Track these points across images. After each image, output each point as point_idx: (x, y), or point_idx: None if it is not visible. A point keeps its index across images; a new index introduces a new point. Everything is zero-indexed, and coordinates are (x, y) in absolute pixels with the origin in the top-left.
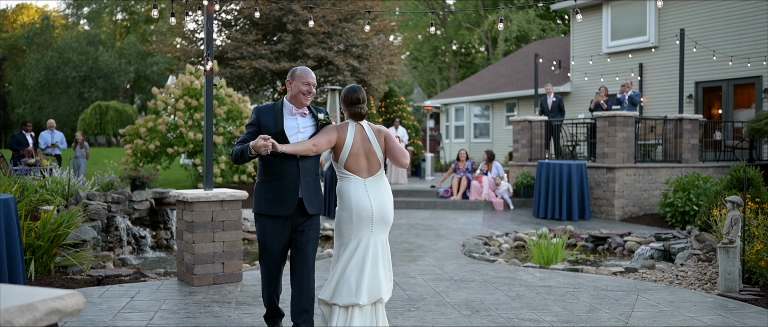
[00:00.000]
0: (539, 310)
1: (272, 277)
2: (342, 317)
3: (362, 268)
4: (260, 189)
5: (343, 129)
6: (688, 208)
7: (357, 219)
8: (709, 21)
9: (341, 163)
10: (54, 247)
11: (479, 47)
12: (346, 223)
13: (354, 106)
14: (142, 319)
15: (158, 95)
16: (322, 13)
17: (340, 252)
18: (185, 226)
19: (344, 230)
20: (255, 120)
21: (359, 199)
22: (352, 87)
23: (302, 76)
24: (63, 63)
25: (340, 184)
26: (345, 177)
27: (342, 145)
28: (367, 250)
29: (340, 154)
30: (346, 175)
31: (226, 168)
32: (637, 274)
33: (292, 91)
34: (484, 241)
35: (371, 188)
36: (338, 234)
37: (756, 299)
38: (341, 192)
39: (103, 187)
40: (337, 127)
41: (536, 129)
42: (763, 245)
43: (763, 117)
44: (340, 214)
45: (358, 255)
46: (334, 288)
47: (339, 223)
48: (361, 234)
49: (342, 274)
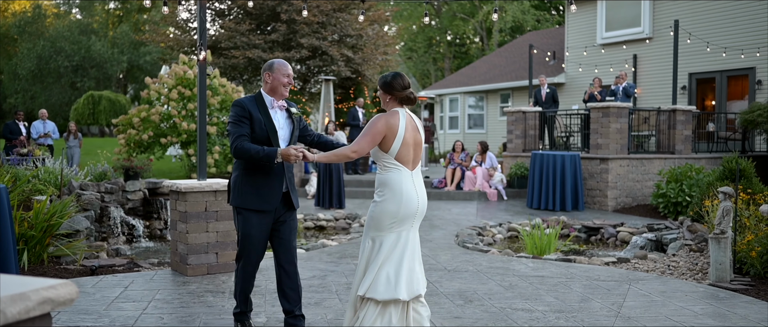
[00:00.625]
0: (532, 300)
1: (254, 271)
2: (378, 313)
3: (401, 262)
4: (243, 183)
5: (394, 117)
6: (680, 199)
7: (404, 213)
8: (703, 12)
9: (393, 153)
10: (47, 237)
11: (474, 38)
12: (389, 217)
13: (404, 91)
14: (136, 309)
15: (151, 85)
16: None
17: (375, 245)
18: (179, 216)
19: (385, 223)
20: (246, 113)
21: (409, 192)
22: (395, 73)
23: (282, 69)
24: (55, 52)
25: (387, 175)
26: (394, 168)
27: (394, 135)
28: (406, 244)
29: (393, 144)
30: (396, 166)
31: (220, 158)
32: (629, 265)
33: (272, 84)
34: (477, 231)
35: (416, 181)
36: (375, 226)
37: (746, 289)
38: (389, 184)
39: (96, 177)
40: (386, 116)
41: (530, 120)
42: (754, 236)
43: (756, 108)
44: (382, 206)
45: (398, 249)
46: (371, 282)
47: (379, 215)
48: (402, 228)
49: (381, 269)
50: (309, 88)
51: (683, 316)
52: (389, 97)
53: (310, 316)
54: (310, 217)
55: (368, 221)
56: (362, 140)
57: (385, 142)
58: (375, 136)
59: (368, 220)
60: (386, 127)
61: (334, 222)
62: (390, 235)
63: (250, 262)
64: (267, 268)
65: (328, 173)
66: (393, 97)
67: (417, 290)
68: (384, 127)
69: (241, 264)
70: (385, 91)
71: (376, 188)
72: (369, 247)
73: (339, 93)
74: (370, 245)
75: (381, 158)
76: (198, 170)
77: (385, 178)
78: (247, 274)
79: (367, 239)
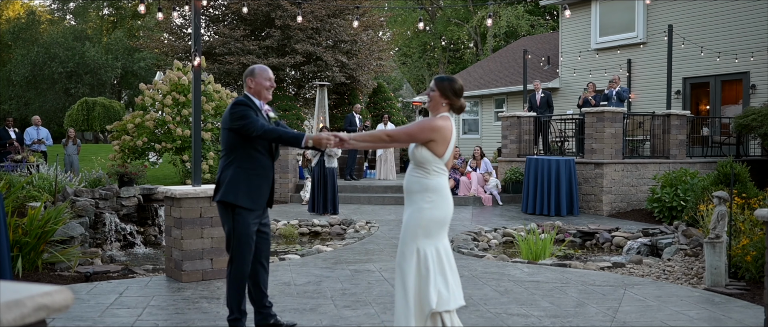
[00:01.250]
0: (527, 305)
1: (248, 272)
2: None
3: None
4: (238, 181)
5: (449, 122)
6: (675, 203)
7: (448, 219)
8: (697, 17)
9: (444, 159)
10: (41, 244)
11: (468, 43)
12: (439, 223)
13: (459, 98)
14: (131, 315)
15: (146, 91)
16: (310, 9)
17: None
18: (173, 222)
19: (434, 230)
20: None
21: (450, 198)
22: (454, 77)
23: (262, 73)
24: (49, 58)
25: (437, 181)
26: (442, 173)
27: (447, 141)
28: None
29: (447, 150)
30: (443, 171)
31: (215, 164)
32: (624, 269)
33: (255, 88)
34: (472, 236)
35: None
36: (425, 234)
37: (742, 293)
38: (439, 190)
39: (90, 184)
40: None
41: (525, 125)
42: (749, 240)
43: (750, 113)
44: (433, 213)
45: (451, 255)
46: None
47: (429, 223)
48: (444, 234)
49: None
50: (303, 93)
51: (678, 321)
52: (446, 101)
53: (304, 322)
54: (305, 222)
55: (415, 230)
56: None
57: (439, 146)
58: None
59: (415, 229)
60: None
61: (329, 227)
62: (441, 242)
63: (245, 262)
64: None
65: (322, 179)
66: (449, 103)
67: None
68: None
69: (235, 266)
70: (444, 94)
71: (422, 193)
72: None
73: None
74: (420, 255)
75: (431, 163)
76: (192, 176)
77: (435, 184)
78: (242, 276)
79: (412, 249)
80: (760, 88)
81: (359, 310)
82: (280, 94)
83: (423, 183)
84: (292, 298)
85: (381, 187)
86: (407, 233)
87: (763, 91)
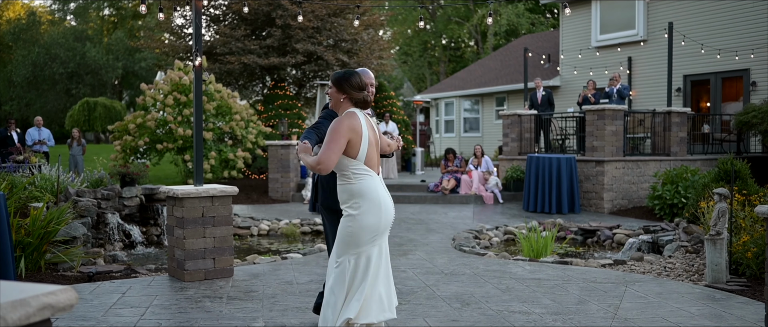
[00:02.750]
0: (529, 303)
1: None
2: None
3: (388, 278)
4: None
5: (354, 118)
6: (676, 200)
7: (384, 225)
8: (698, 14)
9: (361, 158)
10: (44, 244)
11: (469, 41)
12: (370, 231)
13: (361, 92)
14: (134, 315)
15: (147, 91)
16: (311, 8)
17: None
18: (176, 222)
19: (364, 238)
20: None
21: (385, 200)
22: (351, 70)
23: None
24: (50, 59)
25: (361, 184)
26: (365, 175)
27: (359, 137)
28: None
29: (360, 148)
30: (367, 172)
31: (216, 164)
32: (625, 267)
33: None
34: (474, 234)
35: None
36: (354, 243)
37: (742, 290)
38: (365, 193)
39: (92, 184)
40: (344, 118)
41: (526, 123)
42: (749, 237)
43: (751, 110)
44: (361, 220)
45: (383, 265)
46: (362, 305)
47: (358, 231)
48: (381, 240)
49: (372, 290)
50: (304, 93)
51: (680, 318)
52: (343, 96)
53: (307, 320)
54: (307, 221)
55: (344, 238)
56: (328, 150)
57: (351, 147)
58: (340, 141)
59: (343, 237)
60: (349, 129)
61: None
62: (372, 249)
63: None
64: (265, 273)
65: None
66: (347, 97)
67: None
68: (347, 129)
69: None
70: (341, 90)
71: (348, 200)
72: (351, 266)
73: None
74: (352, 264)
75: (348, 166)
76: (195, 176)
77: (359, 188)
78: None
79: (344, 259)
80: (761, 85)
81: None
82: (281, 94)
83: (347, 188)
84: (295, 296)
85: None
86: (337, 244)
87: (763, 88)
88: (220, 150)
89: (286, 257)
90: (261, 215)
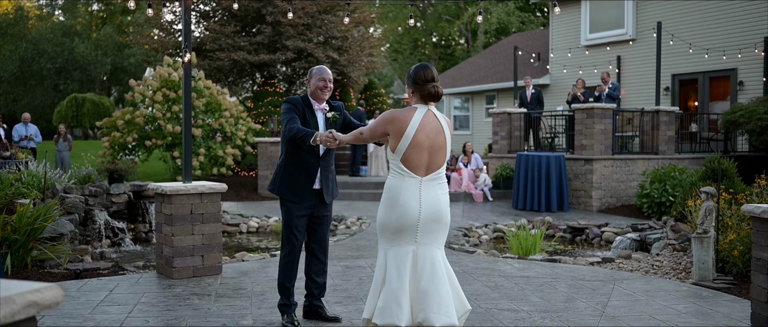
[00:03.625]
0: (518, 300)
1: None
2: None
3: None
4: (282, 174)
5: (407, 114)
6: (664, 199)
7: (399, 226)
8: (686, 14)
9: (398, 154)
10: (30, 241)
11: (459, 39)
12: (385, 228)
13: (427, 85)
14: (121, 312)
15: (136, 87)
16: (301, 5)
17: (387, 259)
18: (164, 218)
19: (384, 235)
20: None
21: (406, 203)
22: (420, 64)
23: (317, 74)
24: (38, 54)
25: (389, 180)
26: (397, 173)
27: (400, 134)
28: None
29: (398, 144)
30: (401, 170)
31: (205, 160)
32: (613, 264)
33: (310, 88)
34: (463, 232)
35: (426, 191)
36: (379, 235)
37: (729, 288)
38: (388, 190)
39: (80, 180)
40: (397, 110)
41: (515, 121)
42: (736, 235)
43: (738, 109)
44: (382, 215)
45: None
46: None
47: (381, 225)
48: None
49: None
50: (295, 89)
51: (667, 315)
52: (411, 90)
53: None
54: None
55: (378, 230)
56: (370, 127)
57: (391, 140)
58: (375, 128)
59: (378, 229)
60: (389, 122)
61: None
62: (400, 248)
63: (290, 251)
64: (253, 270)
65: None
66: (414, 91)
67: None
68: (385, 122)
69: (282, 254)
70: (408, 84)
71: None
72: (378, 261)
73: None
74: (378, 260)
75: (390, 159)
76: (183, 173)
77: (389, 184)
78: (287, 263)
79: (380, 250)
80: (748, 85)
81: (350, 306)
82: (271, 91)
83: (387, 181)
84: None
85: (372, 183)
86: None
87: (750, 88)
88: (210, 147)
89: (275, 255)
90: (250, 212)
